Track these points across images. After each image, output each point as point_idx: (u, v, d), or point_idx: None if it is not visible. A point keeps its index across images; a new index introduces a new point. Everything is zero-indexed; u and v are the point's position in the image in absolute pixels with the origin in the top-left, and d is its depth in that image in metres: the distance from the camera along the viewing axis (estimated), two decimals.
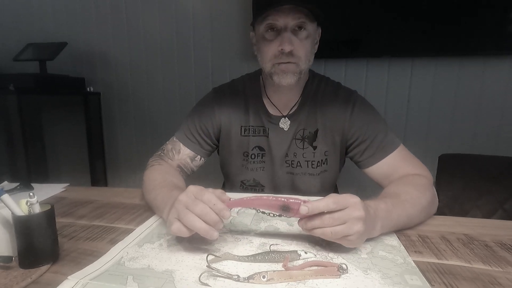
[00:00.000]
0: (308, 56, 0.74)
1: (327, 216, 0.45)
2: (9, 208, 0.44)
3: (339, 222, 0.45)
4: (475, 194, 1.03)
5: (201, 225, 0.45)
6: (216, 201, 0.46)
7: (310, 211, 0.45)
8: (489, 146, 1.51)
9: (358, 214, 0.45)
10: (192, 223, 0.45)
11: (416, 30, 1.46)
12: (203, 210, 0.45)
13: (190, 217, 0.45)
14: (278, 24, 0.69)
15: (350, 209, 0.45)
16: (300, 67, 0.73)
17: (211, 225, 0.45)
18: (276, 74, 0.74)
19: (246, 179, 0.88)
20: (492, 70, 1.46)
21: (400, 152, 0.74)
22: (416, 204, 0.58)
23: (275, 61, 0.72)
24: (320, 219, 0.46)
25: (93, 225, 0.61)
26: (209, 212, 0.45)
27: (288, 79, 0.73)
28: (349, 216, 0.45)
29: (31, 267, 0.45)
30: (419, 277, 0.42)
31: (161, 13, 1.80)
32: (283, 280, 0.41)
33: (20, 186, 0.81)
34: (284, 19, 0.68)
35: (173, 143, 0.83)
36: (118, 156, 2.05)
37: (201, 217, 0.45)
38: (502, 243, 0.53)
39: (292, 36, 0.70)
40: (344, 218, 0.45)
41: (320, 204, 0.45)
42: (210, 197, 0.46)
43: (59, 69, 1.83)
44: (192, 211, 0.45)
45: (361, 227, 0.45)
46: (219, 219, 0.46)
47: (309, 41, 0.72)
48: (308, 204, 0.46)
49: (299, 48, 0.71)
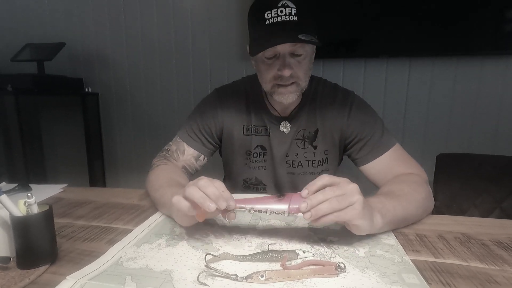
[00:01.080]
0: (307, 73, 0.74)
1: (328, 188, 0.47)
2: (7, 209, 0.44)
3: (337, 206, 0.45)
4: (473, 193, 1.04)
5: (199, 194, 0.47)
6: (225, 190, 0.48)
7: (310, 192, 0.47)
8: (487, 145, 1.52)
9: (352, 185, 0.47)
10: (191, 193, 0.47)
11: (413, 30, 1.47)
12: (205, 183, 0.47)
13: (192, 189, 0.47)
14: (276, 50, 0.69)
15: (343, 183, 0.47)
16: (301, 86, 0.74)
17: (212, 199, 0.47)
18: (276, 94, 0.74)
19: (248, 178, 0.88)
20: (489, 70, 1.47)
21: (395, 151, 0.75)
22: (411, 200, 0.59)
23: (275, 82, 0.73)
24: (322, 193, 0.46)
25: (91, 225, 0.61)
26: (210, 186, 0.47)
27: (289, 99, 0.74)
28: (345, 188, 0.46)
29: (29, 267, 0.44)
30: (417, 275, 0.42)
31: (159, 14, 1.80)
32: (281, 279, 0.41)
33: (18, 187, 0.81)
34: (282, 47, 0.68)
35: (177, 144, 0.84)
36: (116, 156, 2.05)
37: (201, 188, 0.47)
38: (499, 242, 0.53)
39: (291, 59, 0.70)
40: (342, 204, 0.46)
41: (317, 182, 0.48)
42: (221, 185, 0.49)
43: (57, 69, 1.83)
44: (195, 184, 0.48)
45: (359, 196, 0.46)
46: (220, 194, 0.47)
47: (307, 61, 0.73)
48: (304, 191, 0.48)
49: (298, 69, 0.71)
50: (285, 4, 0.65)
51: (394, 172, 0.72)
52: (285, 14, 0.65)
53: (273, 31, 0.66)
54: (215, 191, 0.47)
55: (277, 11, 0.65)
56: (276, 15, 0.65)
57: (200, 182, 0.48)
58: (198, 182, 0.48)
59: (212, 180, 0.49)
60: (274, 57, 0.70)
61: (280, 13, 0.65)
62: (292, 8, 0.65)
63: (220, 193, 0.48)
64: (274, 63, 0.71)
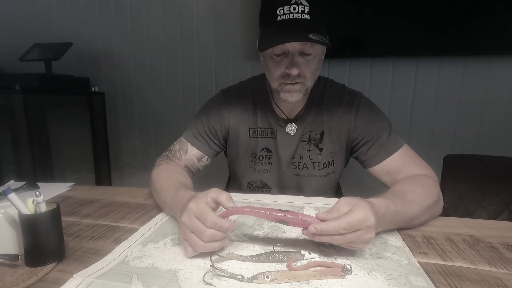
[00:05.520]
0: (314, 73, 0.73)
1: (337, 237, 0.45)
2: (16, 207, 0.45)
3: (348, 241, 0.45)
4: (480, 195, 1.02)
5: (214, 245, 0.47)
6: (221, 223, 0.46)
7: (319, 232, 0.44)
8: (494, 146, 1.49)
9: (368, 236, 0.45)
10: (203, 248, 0.46)
11: (420, 29, 1.45)
12: (211, 236, 0.46)
13: (199, 243, 0.46)
14: (285, 48, 0.69)
15: (363, 231, 0.44)
16: (306, 86, 0.73)
17: (220, 240, 0.47)
18: (283, 92, 0.74)
19: (253, 180, 0.88)
20: (497, 70, 1.44)
21: (404, 151, 0.74)
22: (422, 204, 0.58)
23: (283, 81, 0.72)
24: (330, 239, 0.45)
25: (97, 224, 0.62)
26: (217, 235, 0.46)
27: (294, 97, 0.74)
28: (359, 238, 0.45)
29: (37, 265, 0.45)
30: (424, 278, 0.42)
31: (165, 13, 1.80)
32: (287, 280, 0.41)
33: (26, 185, 0.82)
34: (291, 45, 0.67)
35: (181, 143, 0.83)
36: (122, 155, 2.06)
37: (211, 239, 0.46)
38: (508, 245, 0.53)
39: (300, 58, 0.69)
40: (353, 239, 0.45)
41: (330, 228, 0.44)
42: (214, 220, 0.46)
43: (64, 69, 1.85)
44: (202, 239, 0.46)
45: (367, 245, 0.47)
46: (226, 235, 0.47)
47: (316, 60, 0.72)
48: (317, 226, 0.44)
49: (305, 69, 0.70)
50: (299, 2, 0.64)
51: (404, 172, 0.71)
52: (298, 12, 0.64)
53: (284, 29, 0.65)
54: (221, 236, 0.47)
55: (290, 8, 0.64)
56: (289, 12, 0.65)
57: (205, 238, 0.45)
58: (203, 238, 0.46)
59: (207, 222, 0.46)
60: (283, 54, 0.70)
61: (292, 10, 0.64)
62: (305, 6, 0.65)
63: (225, 235, 0.47)
64: (283, 60, 0.70)
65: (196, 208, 0.47)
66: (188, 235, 0.47)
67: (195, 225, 0.46)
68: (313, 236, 0.45)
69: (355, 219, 0.44)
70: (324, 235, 0.45)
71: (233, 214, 0.48)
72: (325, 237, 0.45)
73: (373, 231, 0.45)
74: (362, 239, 0.45)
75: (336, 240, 0.45)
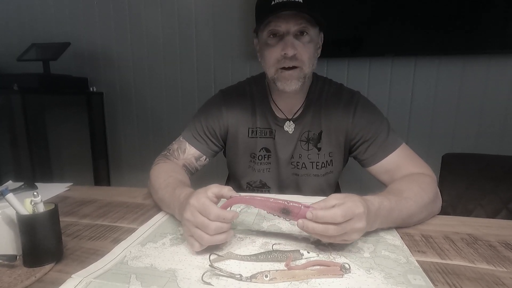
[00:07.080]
0: (311, 60, 0.74)
1: (332, 227, 0.45)
2: (14, 207, 0.45)
3: (342, 232, 0.45)
4: (479, 194, 1.03)
5: (220, 238, 0.47)
6: (224, 214, 0.47)
7: (314, 218, 0.45)
8: (493, 145, 1.50)
9: (360, 225, 0.46)
10: (209, 241, 0.47)
11: (419, 28, 1.45)
12: (216, 229, 0.46)
13: (205, 237, 0.46)
14: (281, 29, 0.69)
15: (354, 220, 0.46)
16: (304, 72, 0.73)
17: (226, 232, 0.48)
18: (279, 81, 0.74)
19: (252, 180, 0.88)
20: (496, 69, 1.45)
21: (402, 150, 0.74)
22: (418, 201, 0.58)
23: (279, 66, 0.72)
24: (324, 228, 0.45)
25: (96, 224, 0.62)
26: (223, 227, 0.47)
27: (292, 85, 0.73)
28: (352, 227, 0.45)
29: (35, 265, 0.45)
30: (422, 277, 0.42)
31: (164, 13, 1.80)
32: (285, 279, 0.41)
33: (24, 186, 0.82)
34: (286, 25, 0.68)
35: (179, 143, 0.83)
36: (121, 155, 2.06)
37: (216, 231, 0.47)
38: (506, 243, 0.53)
39: (295, 40, 0.70)
40: (346, 229, 0.45)
41: (326, 215, 0.45)
42: (217, 213, 0.46)
43: (62, 69, 1.85)
44: (208, 233, 0.46)
45: (359, 235, 0.47)
46: (230, 226, 0.48)
47: (312, 45, 0.72)
48: (313, 211, 0.45)
49: (302, 52, 0.71)
50: None
51: (403, 171, 0.71)
52: None
53: (277, 8, 0.67)
54: (227, 227, 0.47)
55: None
56: None
57: (210, 231, 0.46)
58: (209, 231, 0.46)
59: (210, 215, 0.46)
60: (278, 37, 0.71)
61: None
62: None
63: (230, 226, 0.48)
64: (278, 44, 0.71)
65: (198, 203, 0.47)
66: (193, 230, 0.47)
67: (199, 220, 0.46)
68: (307, 227, 0.46)
69: (345, 208, 0.45)
70: (319, 223, 0.45)
71: (236, 203, 0.49)
72: (320, 227, 0.45)
73: (364, 220, 0.46)
74: (354, 227, 0.45)
75: (331, 231, 0.45)
